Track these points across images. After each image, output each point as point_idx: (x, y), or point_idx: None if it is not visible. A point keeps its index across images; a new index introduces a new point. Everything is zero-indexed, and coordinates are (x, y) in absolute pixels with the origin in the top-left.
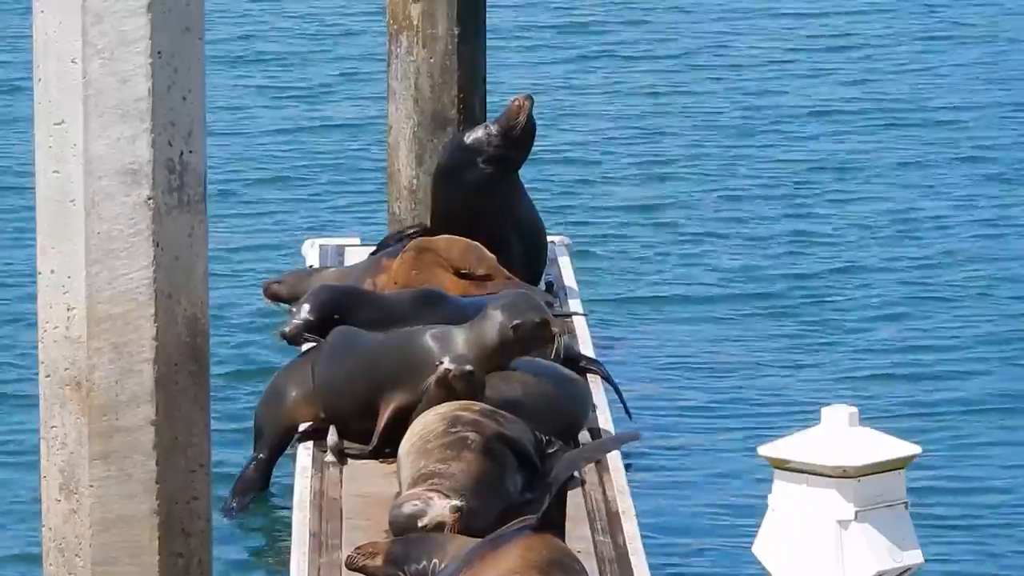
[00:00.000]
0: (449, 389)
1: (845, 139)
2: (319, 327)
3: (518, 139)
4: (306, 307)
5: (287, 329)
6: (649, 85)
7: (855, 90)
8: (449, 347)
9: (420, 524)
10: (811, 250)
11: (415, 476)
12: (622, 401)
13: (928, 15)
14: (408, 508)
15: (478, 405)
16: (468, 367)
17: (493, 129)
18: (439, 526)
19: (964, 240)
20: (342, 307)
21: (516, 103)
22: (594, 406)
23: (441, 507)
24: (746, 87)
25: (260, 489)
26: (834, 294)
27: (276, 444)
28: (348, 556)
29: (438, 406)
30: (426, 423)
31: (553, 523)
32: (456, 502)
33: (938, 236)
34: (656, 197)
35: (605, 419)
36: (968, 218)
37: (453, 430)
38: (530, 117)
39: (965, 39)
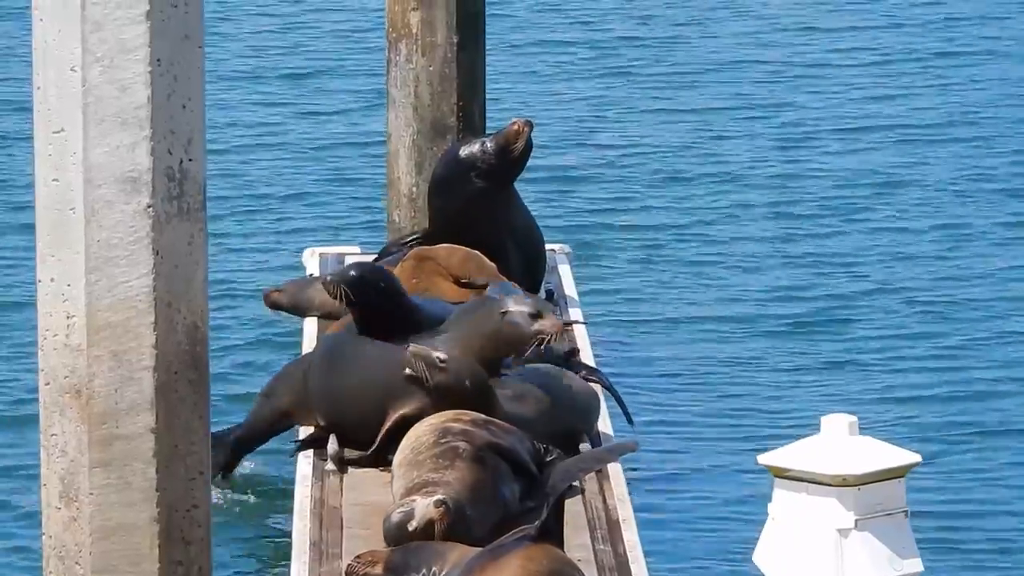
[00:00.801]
0: (414, 378)
1: (848, 156)
2: (357, 291)
3: (513, 161)
4: (354, 267)
5: (329, 277)
6: (652, 96)
7: (859, 109)
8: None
9: (410, 528)
10: (814, 262)
11: (408, 487)
12: (624, 408)
13: (961, 31)
14: (396, 516)
15: (469, 415)
16: (439, 355)
17: (489, 146)
18: (428, 525)
19: (973, 257)
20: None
21: (516, 127)
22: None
23: (425, 505)
24: (748, 100)
25: (222, 468)
26: (837, 306)
27: (256, 429)
28: (348, 565)
29: (429, 418)
30: (417, 435)
31: (551, 533)
32: (439, 496)
33: (945, 253)
34: (658, 205)
35: (605, 427)
36: (979, 236)
37: (443, 441)
38: (528, 141)
39: (996, 55)
